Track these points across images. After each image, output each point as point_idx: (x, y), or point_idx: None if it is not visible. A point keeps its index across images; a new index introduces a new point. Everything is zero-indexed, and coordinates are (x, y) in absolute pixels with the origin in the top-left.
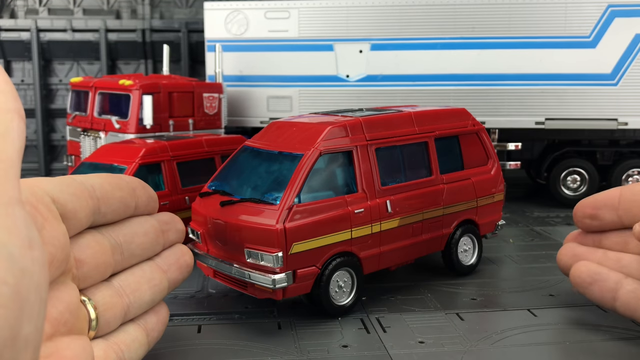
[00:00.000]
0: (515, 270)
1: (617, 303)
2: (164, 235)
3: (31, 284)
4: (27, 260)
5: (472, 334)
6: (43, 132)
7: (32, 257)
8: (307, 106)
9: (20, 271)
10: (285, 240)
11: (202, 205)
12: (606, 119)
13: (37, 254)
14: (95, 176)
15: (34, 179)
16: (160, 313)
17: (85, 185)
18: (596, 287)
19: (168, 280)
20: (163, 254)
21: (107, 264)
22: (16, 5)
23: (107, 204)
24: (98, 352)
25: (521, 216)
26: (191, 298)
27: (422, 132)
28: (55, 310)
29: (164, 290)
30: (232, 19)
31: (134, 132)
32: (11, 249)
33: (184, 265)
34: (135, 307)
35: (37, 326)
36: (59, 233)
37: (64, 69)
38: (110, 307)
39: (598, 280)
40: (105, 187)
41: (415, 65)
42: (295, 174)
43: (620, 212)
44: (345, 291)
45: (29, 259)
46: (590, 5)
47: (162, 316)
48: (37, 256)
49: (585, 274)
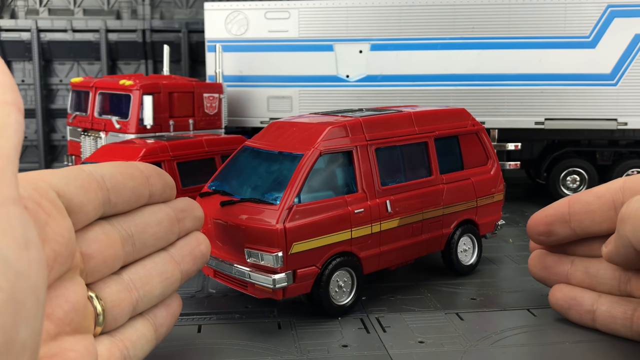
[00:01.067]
0: (515, 270)
1: (597, 324)
2: (179, 223)
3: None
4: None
5: (472, 334)
6: (43, 132)
7: (29, 258)
8: (307, 106)
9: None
10: (285, 240)
11: (202, 205)
12: (606, 119)
13: (34, 254)
14: (106, 165)
15: (37, 172)
16: (171, 306)
17: (95, 176)
18: (574, 311)
19: (181, 272)
20: (177, 243)
21: (116, 256)
22: (16, 5)
23: (118, 194)
24: (102, 351)
25: (521, 216)
26: (191, 298)
27: (422, 132)
28: (60, 310)
29: (176, 282)
30: (232, 19)
31: (135, 132)
32: (5, 252)
33: (199, 256)
34: (144, 302)
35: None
36: (64, 229)
37: (65, 69)
38: (118, 303)
39: (574, 305)
40: (116, 177)
41: (415, 65)
42: (296, 174)
43: (573, 224)
44: (345, 291)
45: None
46: (589, 6)
47: (173, 309)
48: (34, 257)
49: (562, 300)
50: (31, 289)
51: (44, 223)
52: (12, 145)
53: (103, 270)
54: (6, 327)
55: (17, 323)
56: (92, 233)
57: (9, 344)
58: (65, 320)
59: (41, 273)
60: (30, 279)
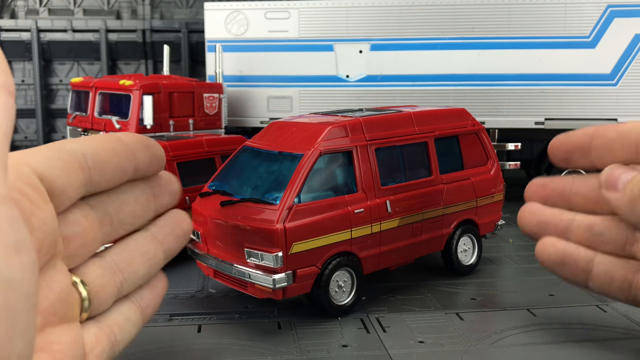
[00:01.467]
0: (515, 270)
1: (591, 284)
2: (155, 199)
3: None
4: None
5: (472, 334)
6: (43, 132)
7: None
8: (307, 106)
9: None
10: (285, 240)
11: (202, 205)
12: (606, 119)
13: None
14: (89, 140)
15: (17, 152)
16: (156, 287)
17: (76, 155)
18: (567, 268)
19: (164, 252)
20: (158, 222)
21: (95, 238)
22: (17, 5)
23: (100, 172)
24: (89, 338)
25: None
26: (191, 298)
27: (422, 132)
28: (46, 301)
29: (160, 262)
30: (232, 19)
31: (135, 132)
32: None
33: (181, 235)
34: (129, 284)
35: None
36: (48, 217)
37: (64, 69)
38: (102, 287)
39: (569, 262)
40: (99, 154)
41: (415, 65)
42: (295, 174)
43: (593, 157)
44: (345, 291)
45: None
46: (589, 6)
47: (159, 290)
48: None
49: (554, 255)
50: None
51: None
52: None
53: (84, 253)
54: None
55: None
56: (70, 215)
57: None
58: (50, 311)
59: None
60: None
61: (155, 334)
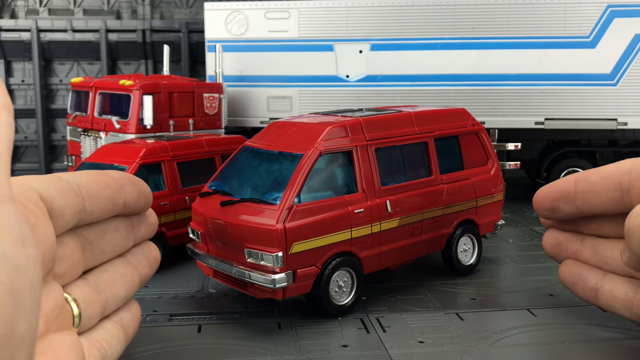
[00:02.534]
0: (515, 270)
1: (599, 302)
2: (134, 230)
3: (26, 281)
4: (21, 258)
5: (472, 334)
6: (43, 132)
7: (26, 254)
8: (307, 106)
9: (14, 269)
10: (285, 240)
11: (202, 205)
12: (606, 119)
13: (30, 251)
14: (81, 174)
15: (20, 177)
16: (133, 310)
17: (71, 184)
18: (578, 287)
19: (140, 276)
20: (132, 250)
21: (79, 261)
22: (17, 5)
23: (93, 202)
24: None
25: (521, 216)
26: (191, 298)
27: (422, 132)
28: (46, 307)
29: (136, 285)
30: (232, 19)
31: (135, 132)
32: (4, 247)
33: (153, 261)
34: (111, 303)
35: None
36: (49, 232)
37: (65, 69)
38: (90, 303)
39: (579, 281)
40: (91, 185)
41: (415, 65)
42: (295, 174)
43: (578, 202)
44: (345, 291)
45: (23, 256)
46: (589, 6)
47: (135, 312)
48: (30, 253)
49: (569, 275)
50: (29, 284)
51: (34, 226)
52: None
53: (71, 273)
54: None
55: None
56: (62, 237)
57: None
58: (51, 317)
59: (37, 269)
60: (28, 275)
61: (155, 334)
